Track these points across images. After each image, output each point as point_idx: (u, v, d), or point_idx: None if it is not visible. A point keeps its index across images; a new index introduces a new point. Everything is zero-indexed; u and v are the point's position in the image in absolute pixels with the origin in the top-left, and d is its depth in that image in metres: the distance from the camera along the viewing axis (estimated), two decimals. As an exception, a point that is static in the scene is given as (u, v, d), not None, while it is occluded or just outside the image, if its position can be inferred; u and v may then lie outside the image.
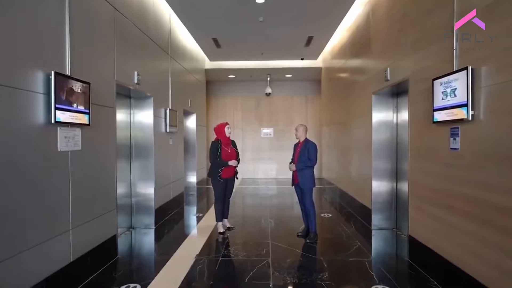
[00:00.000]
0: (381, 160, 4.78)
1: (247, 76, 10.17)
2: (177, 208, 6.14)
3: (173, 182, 5.94)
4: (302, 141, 4.48)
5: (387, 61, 4.24)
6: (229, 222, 4.93)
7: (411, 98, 3.55)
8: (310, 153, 4.32)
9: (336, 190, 7.19)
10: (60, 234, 2.71)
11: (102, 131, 3.40)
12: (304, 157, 4.35)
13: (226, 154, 4.56)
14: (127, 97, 4.77)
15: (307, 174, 4.42)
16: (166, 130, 5.53)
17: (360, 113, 5.40)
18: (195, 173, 7.91)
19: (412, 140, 3.55)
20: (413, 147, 3.52)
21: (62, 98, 2.61)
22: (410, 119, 3.59)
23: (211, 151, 4.55)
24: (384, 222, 4.79)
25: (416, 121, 3.45)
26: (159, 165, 5.18)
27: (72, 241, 2.86)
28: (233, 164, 4.49)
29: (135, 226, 4.92)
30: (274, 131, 11.08)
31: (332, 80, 7.98)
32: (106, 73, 3.52)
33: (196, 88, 8.27)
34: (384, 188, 4.79)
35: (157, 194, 5.06)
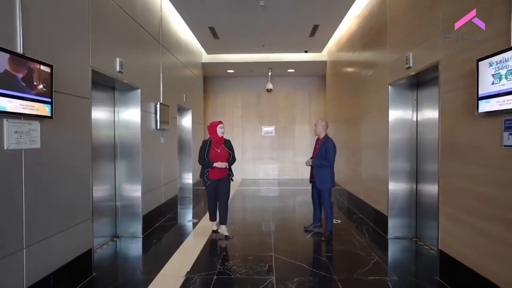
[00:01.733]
0: (399, 161, 4.20)
1: (247, 70, 9.60)
2: (170, 213, 5.57)
3: (165, 185, 5.37)
4: (321, 138, 4.35)
5: (409, 46, 3.66)
6: (228, 229, 4.39)
7: (443, 86, 2.97)
8: (328, 152, 4.15)
9: (344, 193, 6.62)
10: (7, 256, 2.14)
11: (72, 125, 2.83)
12: (321, 155, 4.21)
13: (214, 155, 4.25)
14: (110, 89, 4.20)
15: (324, 174, 4.22)
16: (156, 127, 4.96)
17: (373, 108, 4.83)
18: (191, 174, 7.33)
19: (444, 136, 2.97)
20: (446, 144, 2.94)
21: (8, 81, 2.04)
22: (441, 111, 3.01)
23: (200, 150, 4.30)
24: (402, 230, 4.22)
25: (450, 113, 2.87)
26: (148, 166, 4.61)
27: (26, 262, 2.28)
28: (218, 165, 4.15)
29: (120, 235, 4.35)
30: (276, 129, 10.51)
31: (338, 74, 7.40)
32: (78, 57, 2.94)
33: (193, 83, 7.70)
34: (402, 192, 4.21)
35: (145, 199, 4.49)
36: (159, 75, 5.19)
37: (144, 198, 4.44)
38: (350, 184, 6.24)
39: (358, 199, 5.58)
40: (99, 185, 3.96)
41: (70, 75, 2.78)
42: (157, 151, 5.07)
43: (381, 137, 4.50)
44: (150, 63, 4.86)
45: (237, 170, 10.38)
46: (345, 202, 6.45)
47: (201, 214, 5.59)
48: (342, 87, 7.03)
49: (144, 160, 4.42)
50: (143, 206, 4.41)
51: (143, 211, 4.42)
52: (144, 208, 4.44)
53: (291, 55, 8.57)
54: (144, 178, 4.43)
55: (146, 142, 4.52)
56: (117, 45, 3.71)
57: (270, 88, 10.10)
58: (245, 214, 5.68)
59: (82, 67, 3.00)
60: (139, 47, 4.39)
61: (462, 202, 2.70)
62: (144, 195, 4.43)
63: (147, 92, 4.63)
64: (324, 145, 4.22)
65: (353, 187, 6.00)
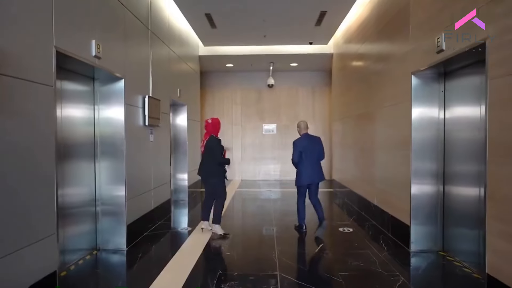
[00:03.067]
0: (424, 161, 3.62)
1: (247, 65, 9.01)
2: (161, 219, 4.99)
3: (156, 188, 4.79)
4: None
5: (441, 24, 3.07)
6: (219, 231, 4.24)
7: (492, 70, 2.39)
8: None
9: (352, 196, 6.05)
10: None
11: (25, 117, 2.25)
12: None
13: (224, 152, 4.35)
14: (88, 79, 3.61)
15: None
16: (145, 123, 4.38)
17: (390, 102, 4.25)
18: (186, 175, 6.75)
19: (494, 133, 2.39)
20: (497, 143, 2.37)
21: None
22: (489, 102, 2.43)
23: (217, 148, 4.20)
24: (427, 242, 3.64)
25: (502, 104, 2.30)
26: (134, 167, 4.03)
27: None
28: (229, 150, 4.44)
29: (100, 247, 3.77)
30: (277, 127, 9.93)
31: (346, 68, 6.82)
32: (33, 32, 2.35)
33: (189, 78, 7.11)
34: (428, 198, 3.63)
35: (131, 205, 3.91)
36: (148, 65, 4.61)
37: (130, 204, 3.86)
38: (360, 186, 5.67)
39: (371, 204, 5.00)
40: (75, 189, 3.40)
41: (22, 54, 2.20)
42: (146, 151, 4.49)
43: (401, 134, 3.92)
44: (137, 50, 4.28)
45: (237, 170, 9.86)
46: (355, 206, 5.88)
47: (197, 220, 5.01)
48: (350, 81, 6.46)
49: (129, 161, 3.85)
50: (128, 213, 3.83)
51: (128, 219, 3.85)
52: (129, 215, 3.86)
53: (295, 47, 7.98)
54: (129, 181, 3.85)
55: (131, 140, 3.94)
56: (92, 25, 3.13)
57: (272, 84, 9.52)
58: (245, 221, 5.12)
59: (41, 46, 2.42)
60: (122, 31, 3.80)
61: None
62: (129, 200, 3.85)
63: (133, 83, 4.05)
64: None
65: (364, 190, 5.43)
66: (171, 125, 6.61)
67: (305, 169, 4.37)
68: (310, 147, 4.44)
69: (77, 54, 2.82)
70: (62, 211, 3.15)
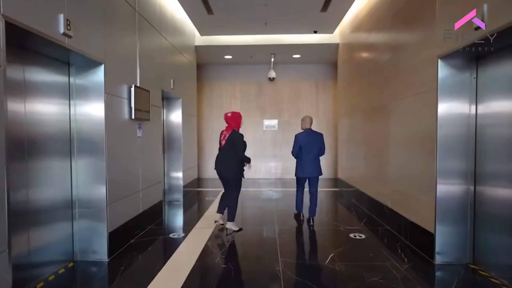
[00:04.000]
0: (452, 159, 3.12)
1: (247, 56, 8.48)
2: (151, 224, 4.50)
3: (145, 189, 4.30)
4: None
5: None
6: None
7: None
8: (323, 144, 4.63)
9: (361, 197, 5.55)
10: None
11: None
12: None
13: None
14: (62, 64, 3.10)
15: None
16: (131, 117, 3.88)
17: (409, 93, 3.74)
18: (181, 173, 6.25)
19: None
20: None
21: None
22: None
23: (240, 144, 4.07)
24: (456, 253, 3.15)
25: None
26: (118, 166, 3.53)
27: None
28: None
29: (77, 259, 3.28)
30: (279, 123, 9.41)
31: (354, 58, 6.30)
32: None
33: (184, 69, 6.60)
34: (456, 201, 3.14)
35: (114, 209, 3.42)
36: (135, 50, 4.09)
37: (112, 208, 3.37)
38: (370, 186, 5.17)
39: (384, 206, 4.51)
40: (45, 192, 2.91)
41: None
42: (133, 147, 3.99)
43: (423, 128, 3.42)
44: (122, 33, 3.76)
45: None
46: (364, 208, 5.39)
47: (192, 224, 4.52)
48: (358, 73, 5.94)
49: (111, 159, 3.35)
50: (110, 219, 3.34)
51: (110, 226, 3.36)
52: (111, 221, 3.37)
53: (298, 36, 7.45)
54: (112, 182, 3.35)
55: (114, 135, 3.44)
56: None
57: (273, 77, 9.00)
58: (244, 226, 4.63)
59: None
60: (101, 8, 3.27)
61: None
62: (111, 204, 3.36)
63: (116, 71, 3.54)
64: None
65: (375, 190, 4.93)
66: (164, 120, 6.13)
67: (303, 163, 4.47)
68: (311, 142, 4.48)
69: (38, 29, 2.31)
70: (28, 218, 2.67)
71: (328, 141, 9.48)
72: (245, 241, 3.99)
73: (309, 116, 4.64)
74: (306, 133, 4.52)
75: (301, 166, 4.48)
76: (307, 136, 4.49)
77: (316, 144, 4.47)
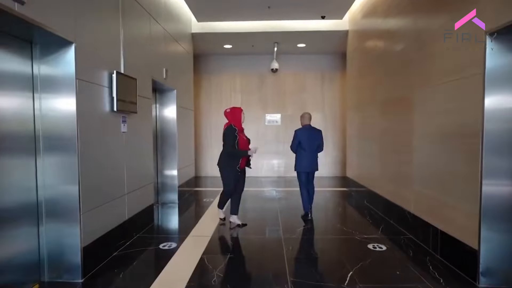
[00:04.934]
0: (504, 159, 2.54)
1: (248, 46, 7.87)
2: (140, 232, 3.95)
3: (132, 192, 3.74)
4: None
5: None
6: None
7: None
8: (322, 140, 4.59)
9: (375, 199, 4.99)
10: None
11: None
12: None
13: (243, 143, 4.15)
14: (24, 42, 2.52)
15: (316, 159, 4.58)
16: (112, 108, 3.29)
17: (442, 79, 3.15)
18: (176, 172, 5.69)
19: None
20: None
21: None
22: None
23: (228, 138, 4.05)
24: (504, 273, 2.59)
25: None
26: (95, 167, 2.96)
27: None
28: (253, 153, 4.14)
29: (46, 279, 2.72)
30: (282, 117, 8.83)
31: (367, 46, 5.70)
32: None
33: (179, 58, 6.00)
34: (507, 210, 2.56)
35: (91, 218, 2.86)
36: (118, 31, 3.50)
37: (88, 217, 2.81)
38: (387, 187, 4.60)
39: (405, 211, 3.95)
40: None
41: None
42: (115, 145, 3.42)
43: (460, 120, 2.84)
44: (99, 9, 3.16)
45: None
46: (379, 212, 4.83)
47: (186, 231, 3.97)
48: (372, 62, 5.34)
49: (86, 159, 2.78)
50: (86, 230, 2.78)
51: (85, 239, 2.80)
52: (87, 233, 2.81)
53: (303, 23, 6.83)
54: (87, 186, 2.78)
55: (90, 130, 2.86)
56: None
57: (276, 68, 8.40)
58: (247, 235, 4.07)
59: None
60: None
61: None
62: (87, 213, 2.79)
63: (92, 53, 2.95)
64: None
65: (394, 192, 4.37)
66: (157, 113, 5.55)
67: (302, 158, 4.52)
68: (310, 138, 4.51)
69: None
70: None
71: (335, 137, 8.96)
72: (247, 253, 3.43)
73: (308, 112, 4.72)
74: (306, 129, 4.56)
75: (300, 161, 4.54)
76: (307, 132, 4.53)
77: (315, 140, 4.52)
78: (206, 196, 6.27)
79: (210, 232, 3.97)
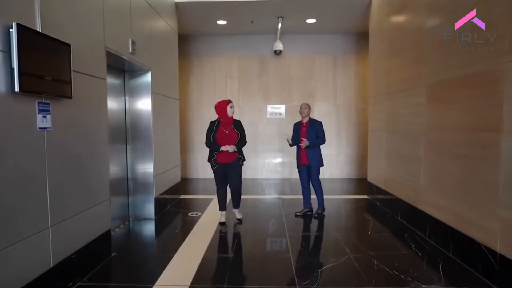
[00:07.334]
0: None
1: (247, 21, 6.46)
2: (81, 279, 2.60)
3: (64, 221, 2.39)
4: (307, 121, 4.35)
5: None
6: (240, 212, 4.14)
7: None
8: (321, 133, 4.27)
9: (420, 219, 3.65)
10: None
11: None
12: (312, 137, 4.23)
13: (222, 136, 3.88)
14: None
15: (317, 153, 4.30)
16: (13, 88, 1.92)
17: None
18: (152, 179, 4.34)
19: None
20: None
21: None
22: None
23: (207, 131, 3.97)
24: None
25: None
26: None
27: None
28: (225, 149, 3.82)
29: None
30: (287, 109, 7.45)
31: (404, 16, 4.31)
32: None
33: (157, 31, 4.62)
34: None
35: (19, 253, 1.51)
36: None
37: (17, 253, 1.46)
38: (442, 206, 3.26)
39: (484, 249, 2.61)
40: None
41: None
42: (24, 153, 2.05)
43: None
44: None
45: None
46: (431, 240, 3.49)
47: (151, 279, 2.62)
48: (416, 31, 3.96)
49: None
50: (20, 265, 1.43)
51: None
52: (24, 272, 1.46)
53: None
54: None
55: None
56: None
57: (280, 50, 7.01)
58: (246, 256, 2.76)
59: None
60: None
61: None
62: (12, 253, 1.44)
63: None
64: (314, 127, 4.27)
65: (458, 216, 3.03)
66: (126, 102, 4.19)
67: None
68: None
69: None
70: None
71: (348, 132, 7.59)
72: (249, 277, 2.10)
73: (307, 103, 4.41)
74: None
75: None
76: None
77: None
78: (192, 208, 4.93)
79: (190, 276, 2.64)
